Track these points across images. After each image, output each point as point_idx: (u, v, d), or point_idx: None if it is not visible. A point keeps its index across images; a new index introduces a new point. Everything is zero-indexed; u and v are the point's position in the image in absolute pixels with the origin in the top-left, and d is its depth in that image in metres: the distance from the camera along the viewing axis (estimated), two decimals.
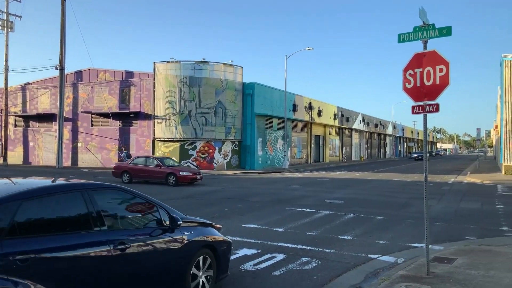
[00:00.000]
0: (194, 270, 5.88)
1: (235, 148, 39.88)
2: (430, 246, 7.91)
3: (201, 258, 6.03)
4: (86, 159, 41.52)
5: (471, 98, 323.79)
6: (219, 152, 38.59)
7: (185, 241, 5.80)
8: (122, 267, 4.91)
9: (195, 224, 6.40)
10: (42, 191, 4.71)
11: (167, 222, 5.60)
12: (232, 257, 8.30)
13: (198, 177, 24.14)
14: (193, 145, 37.95)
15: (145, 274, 5.18)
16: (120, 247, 4.85)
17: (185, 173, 23.66)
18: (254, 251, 8.89)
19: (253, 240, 9.92)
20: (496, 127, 59.43)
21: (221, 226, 7.36)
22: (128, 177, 24.32)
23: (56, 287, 4.21)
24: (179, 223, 5.67)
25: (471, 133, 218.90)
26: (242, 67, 40.35)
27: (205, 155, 38.11)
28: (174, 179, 23.23)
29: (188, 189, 21.62)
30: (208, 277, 6.15)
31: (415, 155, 77.32)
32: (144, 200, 5.73)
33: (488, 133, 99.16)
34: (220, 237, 6.66)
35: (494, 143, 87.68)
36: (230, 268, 6.99)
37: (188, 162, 37.67)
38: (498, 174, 35.32)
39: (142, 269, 5.15)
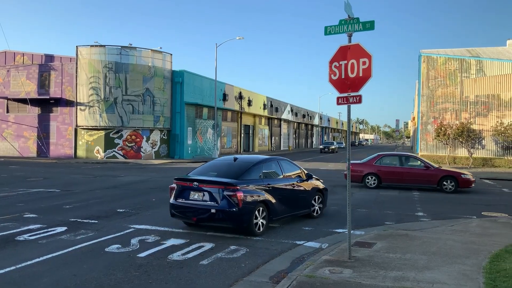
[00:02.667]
0: (313, 202, 11.61)
1: (164, 137, 39.11)
2: (352, 231, 8.28)
3: (316, 197, 11.68)
4: (1, 148, 38.71)
5: (392, 91, 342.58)
6: (147, 141, 37.63)
7: (311, 186, 11.52)
8: (293, 193, 10.78)
9: (316, 177, 12.02)
10: (266, 159, 10.59)
11: (305, 177, 11.44)
12: (159, 248, 8.22)
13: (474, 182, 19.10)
14: (119, 134, 36.67)
15: (299, 199, 11.01)
16: (293, 186, 10.80)
17: (467, 177, 18.52)
18: (182, 241, 8.78)
19: (181, 230, 9.80)
20: (414, 118, 63.44)
21: (322, 181, 12.45)
22: (375, 181, 19.47)
23: (274, 197, 9.90)
24: (313, 177, 11.80)
25: (391, 124, 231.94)
26: (171, 54, 39.49)
27: (132, 144, 36.99)
28: (452, 184, 18.41)
29: (114, 180, 20.90)
30: (319, 207, 11.82)
31: (321, 147, 66.32)
32: (295, 165, 11.61)
33: (406, 124, 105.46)
34: (324, 186, 12.20)
35: (411, 134, 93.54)
36: (156, 259, 7.39)
37: (114, 151, 36.38)
38: None
39: (299, 197, 11.00)
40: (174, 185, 9.74)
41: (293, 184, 10.80)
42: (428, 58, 36.60)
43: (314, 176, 11.81)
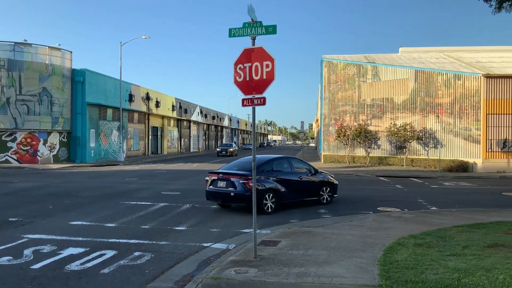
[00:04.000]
0: (322, 191, 14.53)
1: (63, 140, 36.79)
2: (258, 231, 8.42)
3: (324, 188, 14.57)
4: None
5: (298, 94, 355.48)
6: (44, 144, 35.14)
7: (319, 179, 14.56)
8: (300, 185, 13.93)
9: (324, 173, 15.07)
10: (277, 158, 14.18)
11: (313, 171, 14.54)
12: (55, 258, 7.73)
13: None
14: (12, 136, 33.83)
15: (306, 188, 14.14)
16: (300, 178, 13.98)
17: None
18: (81, 250, 8.29)
19: (80, 238, 9.26)
20: (317, 120, 66.49)
21: (333, 175, 15.83)
22: None
23: (283, 186, 13.16)
24: (319, 171, 14.86)
25: (297, 126, 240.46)
26: (71, 52, 37.39)
27: (28, 148, 34.33)
28: None
29: (6, 186, 19.20)
30: (327, 196, 14.64)
31: (218, 150, 57.99)
32: (305, 162, 15.17)
33: (311, 126, 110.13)
34: (334, 180, 15.17)
35: (315, 135, 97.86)
36: (52, 270, 6.96)
37: (6, 155, 33.49)
38: (318, 162, 39.44)
39: (306, 187, 14.11)
40: (207, 178, 13.26)
41: (300, 176, 13.96)
42: (329, 63, 38.54)
43: (323, 172, 15.26)
